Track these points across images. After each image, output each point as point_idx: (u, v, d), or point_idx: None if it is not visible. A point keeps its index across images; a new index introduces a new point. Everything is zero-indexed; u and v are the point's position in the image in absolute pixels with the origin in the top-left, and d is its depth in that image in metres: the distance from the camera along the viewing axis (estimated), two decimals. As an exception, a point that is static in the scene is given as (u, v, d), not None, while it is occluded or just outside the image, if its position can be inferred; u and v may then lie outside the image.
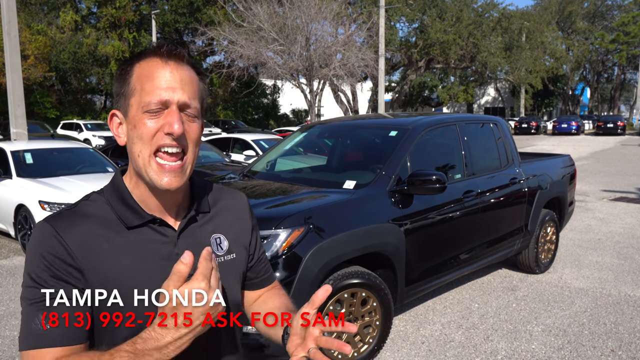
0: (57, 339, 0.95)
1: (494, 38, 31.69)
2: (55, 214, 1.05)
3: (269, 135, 15.37)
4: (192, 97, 1.02)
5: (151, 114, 0.99)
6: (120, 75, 1.05)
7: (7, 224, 6.70)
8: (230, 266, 1.15)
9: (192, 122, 1.03)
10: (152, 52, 1.03)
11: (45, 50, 27.63)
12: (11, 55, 10.66)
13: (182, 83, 1.01)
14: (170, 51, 1.03)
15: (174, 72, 1.01)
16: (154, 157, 1.00)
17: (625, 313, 4.37)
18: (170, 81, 1.00)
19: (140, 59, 1.03)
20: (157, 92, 0.99)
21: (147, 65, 1.02)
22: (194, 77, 1.05)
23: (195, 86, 1.05)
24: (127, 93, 1.03)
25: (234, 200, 1.25)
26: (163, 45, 1.03)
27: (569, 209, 6.01)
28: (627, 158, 19.04)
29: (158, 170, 1.01)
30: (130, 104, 1.02)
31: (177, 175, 1.02)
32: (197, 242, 1.10)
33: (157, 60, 1.02)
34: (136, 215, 1.05)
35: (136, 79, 1.02)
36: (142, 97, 1.00)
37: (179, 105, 1.00)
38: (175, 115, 0.99)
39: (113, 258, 1.01)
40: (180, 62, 1.03)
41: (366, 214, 3.49)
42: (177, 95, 1.00)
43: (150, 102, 0.99)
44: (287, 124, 38.94)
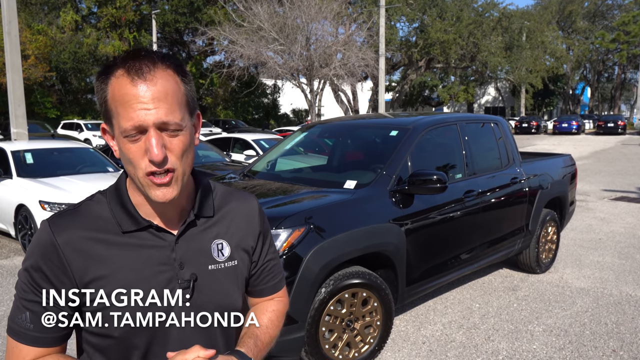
0: (33, 339, 1.00)
1: (494, 38, 31.69)
2: (57, 214, 1.06)
3: (270, 135, 15.36)
4: (169, 111, 0.96)
5: (131, 138, 0.96)
6: (97, 92, 1.00)
7: (7, 224, 6.69)
8: (230, 273, 1.13)
9: (175, 136, 0.98)
10: (121, 65, 0.96)
11: (45, 50, 27.62)
12: (12, 55, 10.66)
13: (155, 101, 0.94)
14: (137, 64, 0.95)
15: (144, 91, 0.94)
16: (146, 177, 0.98)
17: (627, 313, 4.36)
18: (142, 102, 0.94)
19: (109, 75, 0.97)
20: (130, 117, 0.94)
21: (118, 84, 0.96)
22: (170, 84, 0.97)
23: (172, 95, 0.97)
24: (108, 113, 0.99)
25: (243, 204, 1.21)
26: (128, 58, 0.97)
27: (570, 209, 6.00)
28: (628, 157, 19.03)
29: (152, 185, 0.99)
30: (113, 124, 0.99)
31: (168, 188, 0.99)
32: (198, 247, 1.09)
33: (125, 78, 0.95)
34: (133, 220, 1.05)
35: (111, 101, 0.97)
36: (119, 122, 0.96)
37: (157, 126, 0.95)
38: (154, 140, 0.94)
39: (107, 260, 1.01)
40: (150, 73, 0.95)
41: (367, 214, 3.49)
42: (151, 116, 0.94)
43: (126, 129, 0.95)
44: (287, 124, 38.94)
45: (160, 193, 0.99)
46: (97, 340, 1.03)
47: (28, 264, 1.02)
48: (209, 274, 1.08)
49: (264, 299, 1.27)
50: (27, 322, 1.00)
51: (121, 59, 0.97)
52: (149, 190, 0.99)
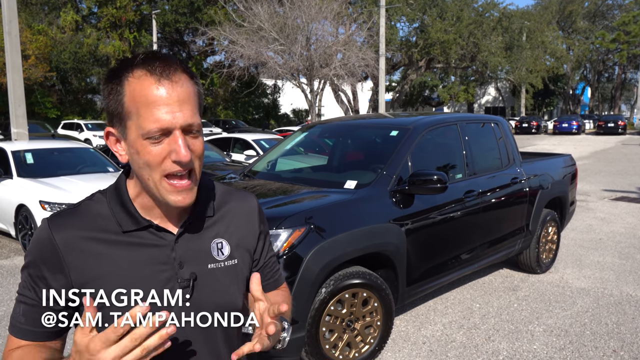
0: (23, 332, 1.02)
1: (494, 37, 31.70)
2: (57, 213, 1.07)
3: (270, 135, 15.36)
4: (193, 114, 0.97)
5: (153, 140, 0.95)
6: (110, 93, 0.98)
7: (7, 224, 6.70)
8: (230, 272, 1.13)
9: (196, 139, 0.99)
10: (142, 66, 0.95)
11: (46, 50, 27.63)
12: (12, 55, 10.67)
13: (180, 103, 0.95)
14: (164, 67, 0.95)
15: (170, 92, 0.94)
16: (165, 179, 0.98)
17: (627, 313, 4.36)
18: (169, 105, 0.94)
19: (128, 73, 0.96)
20: (156, 119, 0.93)
21: (139, 85, 0.94)
22: (190, 87, 0.98)
23: (194, 98, 0.98)
24: (122, 115, 0.97)
25: (242, 204, 1.21)
26: (154, 60, 0.95)
27: (570, 209, 6.00)
28: (628, 157, 19.03)
29: (171, 190, 0.99)
30: (127, 126, 0.97)
31: (189, 192, 1.01)
32: (197, 247, 1.09)
33: (148, 78, 0.94)
34: (132, 220, 1.05)
35: (130, 101, 0.95)
36: (139, 123, 0.94)
37: (182, 128, 0.96)
38: (181, 142, 0.95)
39: (105, 259, 1.02)
40: (173, 77, 0.95)
41: (367, 214, 3.49)
42: (178, 119, 0.94)
43: (150, 130, 0.94)
44: (287, 124, 38.95)
45: (182, 198, 1.00)
46: None
47: (27, 261, 1.03)
48: (209, 273, 1.09)
49: (270, 292, 1.28)
50: (20, 314, 1.02)
51: (140, 59, 0.96)
52: (168, 195, 0.99)
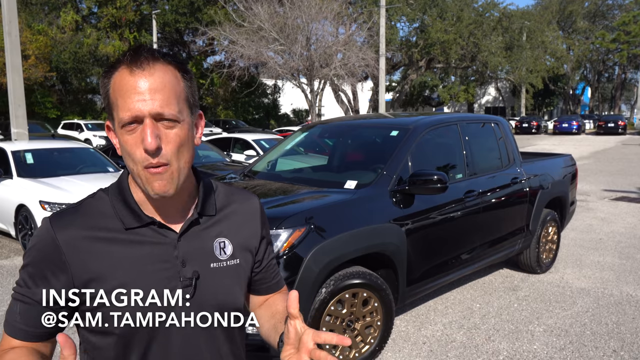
0: (17, 331, 1.01)
1: (494, 37, 31.71)
2: (59, 211, 1.07)
3: (270, 135, 15.37)
4: (165, 102, 0.96)
5: (127, 129, 0.97)
6: (102, 88, 1.02)
7: (7, 224, 6.70)
8: (232, 271, 1.13)
9: (171, 128, 0.98)
10: (122, 60, 0.99)
11: (46, 50, 27.63)
12: (12, 55, 10.67)
13: (152, 92, 0.96)
14: (136, 57, 0.97)
15: (141, 81, 0.96)
16: (145, 170, 0.98)
17: (627, 313, 4.36)
18: (139, 93, 0.95)
19: (114, 70, 0.99)
20: (127, 107, 0.96)
21: (119, 77, 0.98)
22: (168, 77, 0.98)
23: (170, 88, 0.98)
24: (110, 108, 1.00)
25: (245, 204, 1.21)
26: (128, 52, 0.99)
27: (570, 209, 6.00)
28: (628, 157, 19.03)
29: (149, 177, 0.99)
30: (114, 118, 1.00)
31: (165, 180, 0.99)
32: (200, 246, 1.09)
33: (125, 70, 0.98)
34: (135, 217, 1.05)
35: (112, 94, 0.99)
36: (118, 113, 0.97)
37: (152, 116, 0.96)
38: (148, 129, 0.95)
39: (108, 258, 1.01)
40: (149, 65, 0.97)
41: (367, 214, 3.49)
42: (147, 106, 0.95)
43: (122, 118, 0.96)
44: (287, 124, 38.94)
45: (157, 185, 0.98)
46: (97, 339, 1.03)
47: (28, 260, 1.02)
48: (211, 272, 1.08)
49: (270, 295, 1.29)
50: (16, 313, 1.00)
51: (123, 55, 1.00)
52: (148, 184, 0.99)
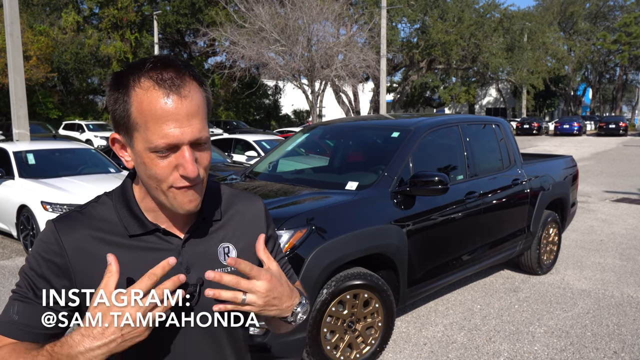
0: (12, 330, 0.98)
1: (495, 39, 31.72)
2: (63, 215, 1.06)
3: (271, 136, 15.37)
4: (201, 127, 0.95)
5: (160, 154, 0.94)
6: (116, 102, 0.95)
7: (9, 225, 6.71)
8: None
9: (204, 151, 0.98)
10: (148, 76, 0.92)
11: (47, 50, 27.67)
12: (13, 56, 10.69)
13: (189, 117, 0.93)
14: (173, 80, 0.92)
15: (178, 106, 0.91)
16: (171, 189, 0.97)
17: (628, 314, 4.36)
18: (177, 120, 0.92)
19: (135, 83, 0.93)
20: (164, 134, 0.92)
21: (147, 97, 0.92)
22: (199, 99, 0.95)
23: (202, 111, 0.96)
24: (128, 125, 0.95)
25: (249, 207, 1.19)
26: (162, 70, 0.92)
27: (571, 210, 6.00)
28: (629, 159, 19.01)
29: (178, 197, 0.98)
30: (134, 137, 0.95)
31: (195, 198, 1.00)
32: (204, 251, 1.08)
33: (157, 91, 0.91)
34: (140, 224, 1.05)
35: (137, 113, 0.93)
36: (147, 136, 0.93)
37: (189, 143, 0.94)
38: (189, 157, 0.94)
39: None
40: (182, 87, 0.92)
41: (368, 215, 3.49)
42: (186, 134, 0.93)
43: (157, 145, 0.92)
44: (288, 125, 38.94)
45: (188, 202, 0.99)
46: None
47: (31, 262, 1.02)
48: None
49: None
50: (14, 313, 0.99)
51: (148, 67, 0.93)
52: (174, 201, 0.98)
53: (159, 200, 1.01)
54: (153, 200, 1.04)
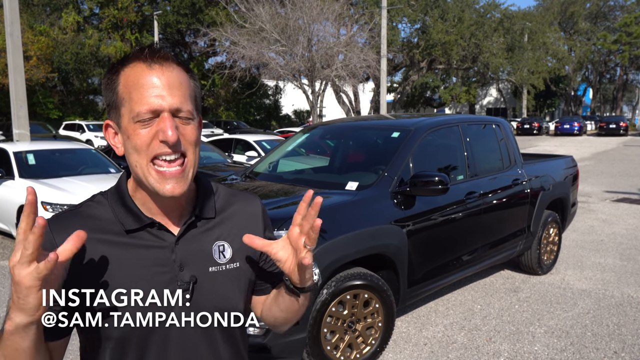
0: None
1: (495, 39, 31.70)
2: (58, 214, 1.07)
3: (271, 136, 15.38)
4: (183, 100, 0.99)
5: (143, 123, 0.97)
6: (107, 84, 1.02)
7: (9, 225, 6.71)
8: (232, 275, 1.11)
9: (187, 124, 1.00)
10: (135, 56, 1.00)
11: (47, 51, 27.69)
12: (14, 56, 10.69)
13: (170, 87, 0.98)
14: (154, 54, 0.99)
15: (160, 76, 0.98)
16: (152, 165, 0.98)
17: (628, 315, 4.35)
18: (158, 87, 0.97)
19: (124, 65, 1.00)
20: (145, 101, 0.96)
21: (132, 71, 0.99)
22: (183, 77, 1.01)
23: (185, 87, 1.01)
24: (117, 103, 1.00)
25: (246, 207, 1.19)
26: (145, 49, 1.00)
27: (572, 210, 6.00)
28: (630, 159, 19.01)
29: (159, 178, 0.99)
30: (121, 114, 1.00)
31: (179, 181, 1.00)
32: (198, 249, 1.08)
33: (141, 65, 0.99)
34: (135, 218, 1.05)
35: (123, 88, 0.99)
36: (131, 106, 0.98)
37: (170, 111, 0.97)
38: (168, 122, 0.96)
39: (106, 262, 1.01)
40: (165, 63, 0.99)
41: (369, 216, 3.49)
42: (166, 101, 0.97)
43: (139, 111, 0.97)
44: (289, 125, 38.93)
45: (170, 186, 0.99)
46: (97, 340, 1.03)
47: None
48: (210, 276, 1.07)
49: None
50: None
51: (136, 52, 1.01)
52: (155, 183, 0.99)
53: (142, 183, 1.02)
54: (142, 192, 1.05)
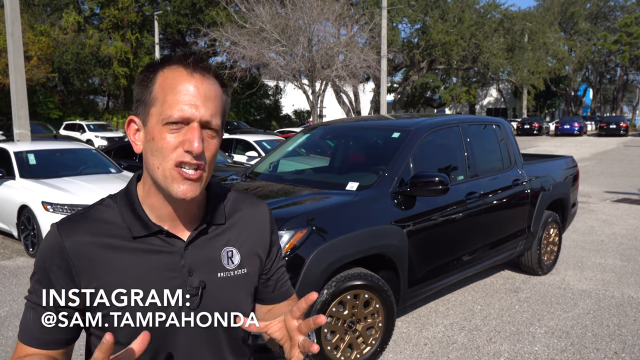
0: (31, 338, 1.01)
1: (496, 39, 31.67)
2: (67, 217, 1.07)
3: (271, 136, 15.38)
4: (214, 113, 1.00)
5: (171, 128, 0.97)
6: (142, 81, 1.02)
7: (10, 225, 6.71)
8: (240, 281, 1.11)
9: (212, 138, 1.01)
10: (178, 60, 1.00)
11: (48, 51, 27.71)
12: (14, 56, 10.70)
13: (205, 99, 0.98)
14: (197, 63, 1.00)
15: (198, 86, 0.98)
16: (174, 169, 0.98)
17: (629, 315, 4.36)
18: (194, 96, 0.97)
19: (164, 66, 1.00)
20: (179, 107, 0.97)
21: (172, 74, 0.99)
22: (218, 91, 1.02)
23: (219, 101, 1.02)
24: (148, 101, 1.00)
25: (253, 211, 1.19)
26: (190, 56, 1.00)
27: (572, 211, 6.00)
28: (630, 159, 19.00)
29: (178, 178, 0.98)
30: (150, 113, 1.00)
31: (193, 185, 0.99)
32: (207, 255, 1.08)
33: (182, 70, 0.99)
34: (143, 225, 1.05)
35: (159, 88, 0.99)
36: (163, 108, 0.98)
37: (200, 123, 0.98)
38: (197, 133, 0.96)
39: (114, 266, 1.01)
40: (205, 74, 1.00)
41: (369, 216, 3.49)
42: (199, 112, 0.97)
43: (171, 115, 0.97)
44: (289, 125, 38.91)
45: (184, 188, 0.98)
46: (99, 341, 1.03)
47: (36, 267, 1.03)
48: (218, 282, 1.08)
49: (276, 305, 1.24)
50: (30, 320, 1.01)
51: (180, 56, 1.01)
52: (172, 184, 0.99)
53: (158, 184, 1.01)
54: (155, 194, 1.05)
